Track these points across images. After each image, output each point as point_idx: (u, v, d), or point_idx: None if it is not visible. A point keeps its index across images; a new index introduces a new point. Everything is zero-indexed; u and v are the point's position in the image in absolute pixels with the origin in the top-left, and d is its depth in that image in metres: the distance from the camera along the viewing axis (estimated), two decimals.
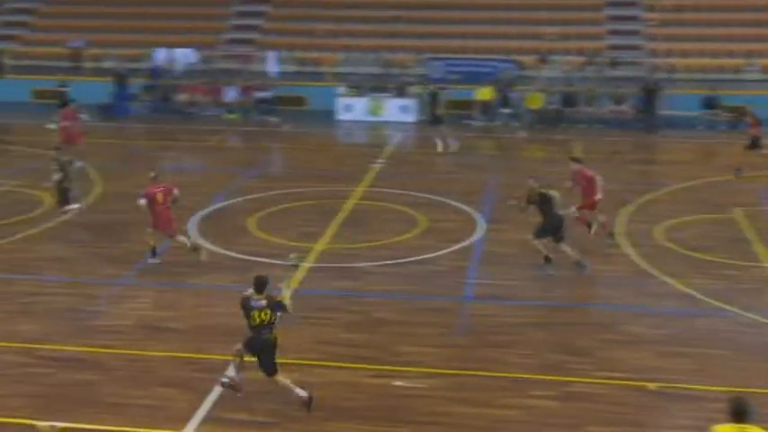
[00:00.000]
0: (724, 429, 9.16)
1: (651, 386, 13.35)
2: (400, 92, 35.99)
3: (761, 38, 37.83)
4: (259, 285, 12.40)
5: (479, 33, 39.71)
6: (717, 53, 37.46)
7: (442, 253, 19.36)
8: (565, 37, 38.47)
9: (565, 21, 39.47)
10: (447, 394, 13.19)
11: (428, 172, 27.17)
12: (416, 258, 19.06)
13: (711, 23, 38.75)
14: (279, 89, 36.49)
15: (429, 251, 19.43)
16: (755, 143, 26.01)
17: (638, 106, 34.20)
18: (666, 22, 38.88)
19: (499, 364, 14.11)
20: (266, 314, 12.27)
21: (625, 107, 34.57)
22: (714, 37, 38.10)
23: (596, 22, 39.81)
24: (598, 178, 19.18)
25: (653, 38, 38.70)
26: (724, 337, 15.25)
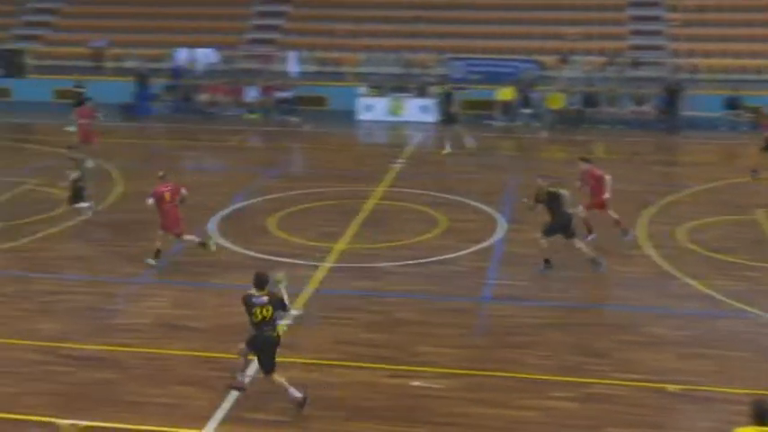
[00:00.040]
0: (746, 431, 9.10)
1: (671, 388, 13.28)
2: (421, 92, 35.94)
3: None
4: (259, 282, 12.43)
5: (501, 33, 39.59)
6: (739, 53, 37.20)
7: (463, 253, 19.33)
8: (587, 37, 38.30)
9: (587, 21, 39.30)
10: (465, 395, 13.16)
11: (448, 172, 27.13)
12: (437, 259, 19.04)
13: (734, 24, 38.50)
14: (300, 89, 36.52)
15: (449, 251, 19.40)
16: None
17: (659, 107, 34.01)
18: (689, 23, 38.66)
19: (517, 365, 14.07)
20: (268, 311, 12.28)
21: (647, 108, 34.41)
22: (737, 37, 37.84)
23: (618, 23, 39.62)
24: (607, 177, 19.10)
25: (675, 38, 38.48)
26: (745, 339, 15.14)
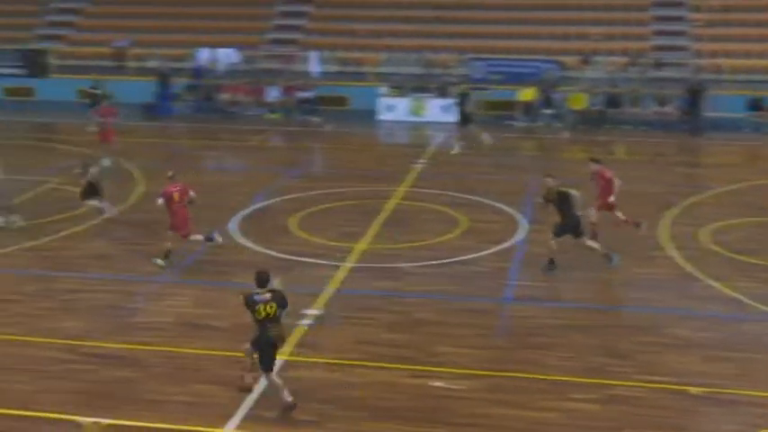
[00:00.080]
0: None
1: (693, 390, 13.19)
2: (442, 92, 35.90)
3: None
4: (261, 280, 12.47)
5: (522, 33, 39.53)
6: (763, 54, 36.96)
7: (484, 254, 19.28)
8: (609, 37, 38.18)
9: (610, 21, 39.18)
10: (486, 396, 13.11)
11: (469, 173, 27.04)
12: (457, 259, 18.99)
13: (758, 24, 38.26)
14: (321, 89, 36.56)
15: (470, 252, 19.35)
16: None
17: (682, 108, 33.82)
18: (712, 23, 38.47)
19: (539, 367, 14.01)
20: (271, 307, 12.28)
21: (669, 109, 34.23)
22: (761, 38, 37.59)
23: (641, 23, 39.46)
24: (616, 181, 18.90)
25: (699, 38, 38.29)
26: None
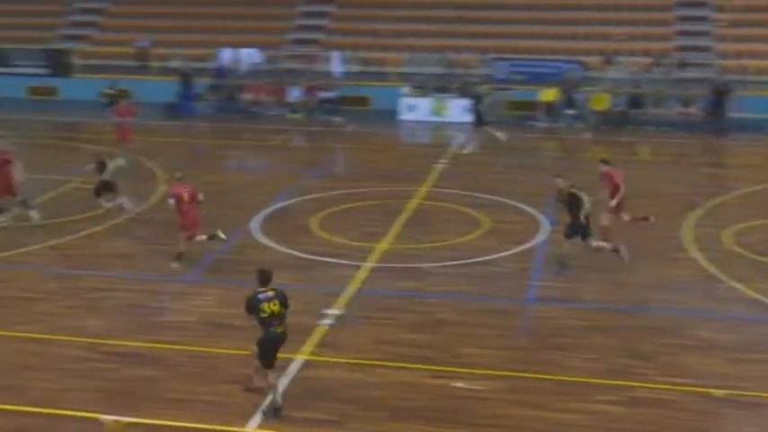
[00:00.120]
0: None
1: (717, 393, 13.11)
2: (463, 92, 35.83)
3: None
4: (264, 279, 12.51)
5: (545, 33, 39.43)
6: None
7: (505, 254, 19.24)
8: (632, 37, 38.02)
9: (632, 21, 39.02)
10: (508, 397, 13.08)
11: (491, 173, 27.01)
12: (479, 259, 18.95)
13: None
14: (343, 89, 36.62)
15: (492, 252, 19.32)
16: None
17: (706, 108, 33.66)
18: (737, 23, 38.24)
19: (561, 368, 13.96)
20: (275, 305, 12.32)
21: (693, 109, 34.07)
22: None
23: (665, 23, 39.26)
24: (622, 187, 18.74)
25: (723, 39, 38.07)
26: None
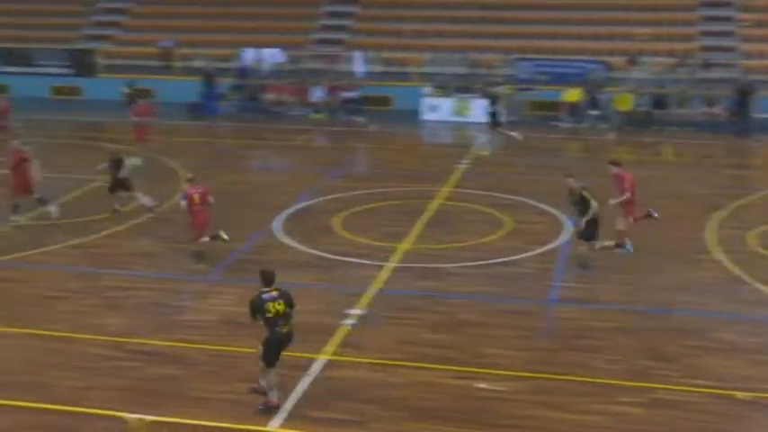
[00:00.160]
0: None
1: (740, 395, 13.02)
2: (483, 93, 35.71)
3: None
4: (267, 279, 12.55)
5: (568, 34, 39.30)
6: None
7: (528, 255, 19.19)
8: (656, 38, 37.83)
9: (656, 21, 38.83)
10: (530, 398, 13.04)
11: (513, 173, 26.94)
12: (501, 260, 18.91)
13: None
14: (365, 89, 36.64)
15: (514, 253, 19.27)
16: None
17: (730, 109, 33.46)
18: (761, 23, 38.00)
19: (584, 369, 13.90)
20: (280, 304, 12.36)
21: (717, 109, 33.86)
22: None
23: (689, 23, 39.05)
24: (627, 194, 18.44)
25: (747, 39, 37.82)
26: None
